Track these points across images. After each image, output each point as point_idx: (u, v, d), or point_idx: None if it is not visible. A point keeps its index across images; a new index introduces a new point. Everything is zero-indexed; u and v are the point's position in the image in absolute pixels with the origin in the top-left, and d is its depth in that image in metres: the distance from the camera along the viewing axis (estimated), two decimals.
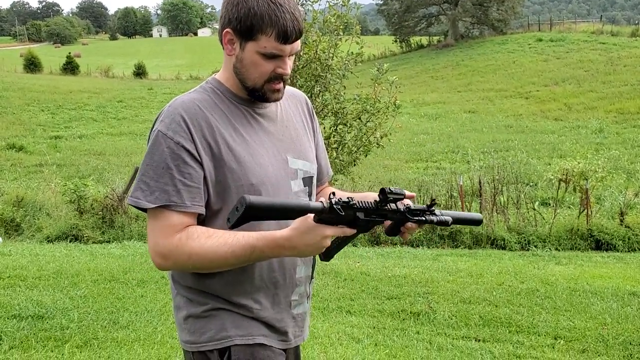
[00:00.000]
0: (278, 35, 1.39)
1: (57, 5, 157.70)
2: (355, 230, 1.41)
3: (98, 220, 8.71)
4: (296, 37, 1.42)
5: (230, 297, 1.48)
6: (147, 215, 1.44)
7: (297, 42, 1.44)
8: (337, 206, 1.33)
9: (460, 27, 42.96)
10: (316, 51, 5.81)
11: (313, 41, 5.79)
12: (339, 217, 1.35)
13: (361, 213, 1.39)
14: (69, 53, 43.37)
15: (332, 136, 6.09)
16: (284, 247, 1.36)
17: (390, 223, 1.52)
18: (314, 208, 1.32)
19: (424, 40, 44.94)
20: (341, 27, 6.00)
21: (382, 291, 5.31)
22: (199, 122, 1.42)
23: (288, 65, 1.45)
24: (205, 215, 1.45)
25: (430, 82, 30.13)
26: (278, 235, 1.36)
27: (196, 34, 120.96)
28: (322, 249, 1.37)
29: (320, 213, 1.33)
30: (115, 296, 4.94)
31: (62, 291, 5.02)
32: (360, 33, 6.20)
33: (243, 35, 1.41)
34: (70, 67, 38.57)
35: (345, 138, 6.12)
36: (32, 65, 38.29)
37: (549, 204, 9.90)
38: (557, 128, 18.96)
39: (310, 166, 1.62)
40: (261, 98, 1.50)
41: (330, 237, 1.36)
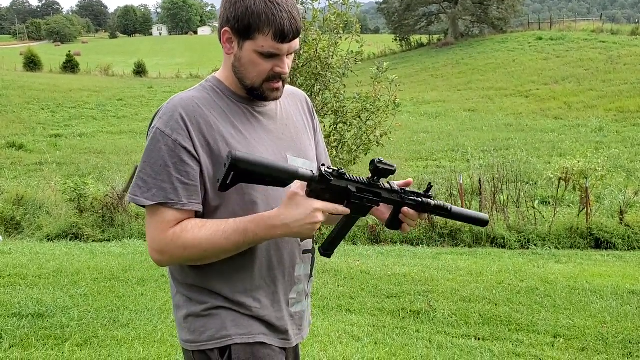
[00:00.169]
0: (275, 34, 1.38)
1: (57, 3, 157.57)
2: (348, 210, 1.38)
3: (98, 218, 8.72)
4: (294, 36, 1.42)
5: (229, 295, 1.47)
6: (146, 212, 1.45)
7: (295, 41, 1.44)
8: (327, 174, 1.31)
9: (460, 26, 42.88)
10: (316, 50, 5.81)
11: (313, 40, 5.79)
12: (330, 187, 1.32)
13: (353, 185, 1.37)
14: (69, 51, 43.35)
15: (332, 135, 6.09)
16: (276, 226, 1.35)
17: (389, 215, 1.51)
18: (303, 175, 1.31)
19: (424, 38, 44.86)
20: (341, 26, 6.00)
21: (382, 290, 5.32)
22: (197, 120, 1.42)
23: (286, 64, 1.45)
24: (203, 212, 1.45)
25: (430, 81, 30.08)
26: (267, 214, 1.37)
27: (196, 33, 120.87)
28: (315, 226, 1.35)
29: (309, 180, 1.31)
30: (115, 295, 4.94)
31: (62, 290, 5.03)
32: (360, 32, 6.21)
33: (241, 34, 1.41)
34: (70, 66, 38.54)
35: (345, 137, 6.13)
36: (32, 63, 38.18)
37: (549, 203, 9.90)
38: (557, 127, 18.93)
39: (310, 164, 1.61)
40: (260, 97, 1.49)
41: (321, 212, 1.35)
